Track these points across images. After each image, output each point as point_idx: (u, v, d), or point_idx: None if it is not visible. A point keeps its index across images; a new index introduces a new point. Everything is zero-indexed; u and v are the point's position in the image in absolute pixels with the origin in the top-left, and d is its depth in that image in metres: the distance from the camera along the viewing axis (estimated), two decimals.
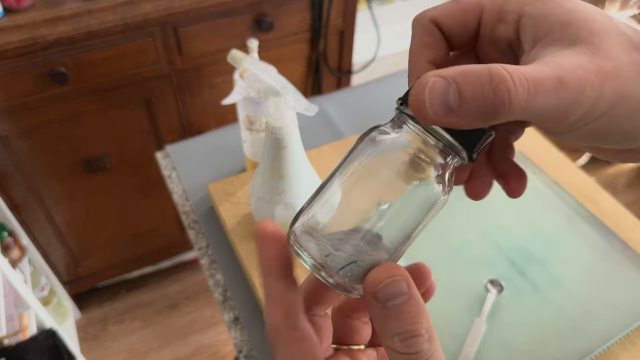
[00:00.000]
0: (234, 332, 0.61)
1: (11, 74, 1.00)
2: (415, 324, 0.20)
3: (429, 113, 0.18)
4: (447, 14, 0.23)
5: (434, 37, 0.23)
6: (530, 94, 0.17)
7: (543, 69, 0.18)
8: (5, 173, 1.15)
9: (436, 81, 0.18)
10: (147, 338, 1.53)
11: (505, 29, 0.22)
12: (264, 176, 0.58)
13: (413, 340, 0.20)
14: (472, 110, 0.18)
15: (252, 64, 0.52)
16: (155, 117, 1.22)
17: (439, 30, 0.23)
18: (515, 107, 0.17)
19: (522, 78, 0.17)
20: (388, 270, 0.21)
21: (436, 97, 0.18)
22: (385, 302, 0.20)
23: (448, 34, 0.23)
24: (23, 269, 1.27)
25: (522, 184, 0.25)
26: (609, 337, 0.57)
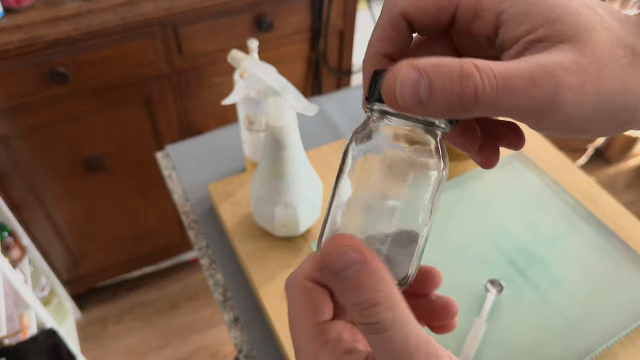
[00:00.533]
0: (234, 332, 0.61)
1: (11, 74, 1.00)
2: (372, 292, 0.19)
3: (399, 103, 0.18)
4: (420, 8, 0.22)
5: (398, 32, 0.23)
6: (498, 92, 0.17)
7: (518, 67, 0.18)
8: (5, 173, 1.15)
9: (409, 72, 0.18)
10: (147, 338, 1.53)
11: (482, 26, 0.21)
12: (264, 176, 0.58)
13: (372, 309, 0.19)
14: (440, 104, 0.18)
15: (252, 64, 0.52)
16: (155, 117, 1.22)
17: (408, 24, 0.22)
18: (482, 103, 0.18)
19: (491, 75, 0.17)
20: (337, 241, 0.20)
21: (407, 89, 0.18)
22: (338, 273, 0.20)
23: (417, 26, 0.23)
24: (23, 269, 1.27)
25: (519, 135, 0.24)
26: (609, 337, 0.57)
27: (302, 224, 0.62)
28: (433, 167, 0.22)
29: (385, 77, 0.19)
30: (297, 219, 0.61)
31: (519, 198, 0.71)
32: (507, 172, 0.73)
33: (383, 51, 0.23)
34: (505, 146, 0.25)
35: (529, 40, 0.19)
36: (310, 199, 0.61)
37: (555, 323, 0.59)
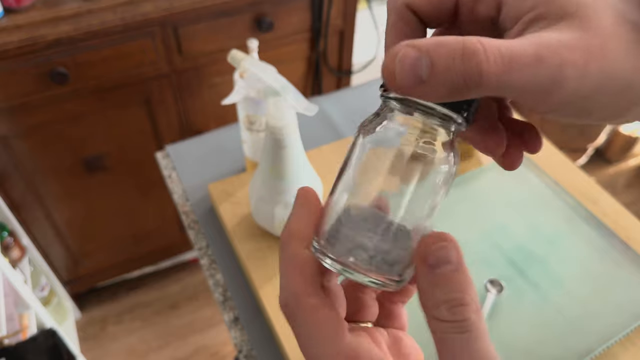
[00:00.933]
0: (234, 332, 0.61)
1: (11, 74, 1.00)
2: (463, 293, 0.20)
3: (397, 82, 0.18)
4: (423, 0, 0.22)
5: (409, 24, 0.22)
6: (504, 69, 0.17)
7: (523, 43, 0.18)
8: (5, 173, 1.15)
9: (408, 51, 0.17)
10: (147, 338, 1.53)
11: (484, 8, 0.21)
12: (264, 176, 0.58)
13: (461, 308, 0.19)
14: (443, 82, 0.17)
15: (252, 64, 0.52)
16: (155, 117, 1.22)
17: (414, 14, 0.22)
18: (487, 81, 0.17)
19: (495, 52, 0.17)
20: (439, 236, 0.20)
21: (406, 67, 0.17)
22: (435, 268, 0.20)
23: (424, 16, 0.22)
24: (23, 269, 1.27)
25: (538, 136, 0.24)
26: (609, 337, 0.57)
27: None
28: (444, 162, 0.22)
29: (384, 59, 0.18)
30: None
31: (519, 198, 0.71)
32: (507, 172, 0.73)
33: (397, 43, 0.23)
34: (523, 148, 0.24)
35: (531, 18, 0.19)
36: None
37: (555, 323, 0.59)
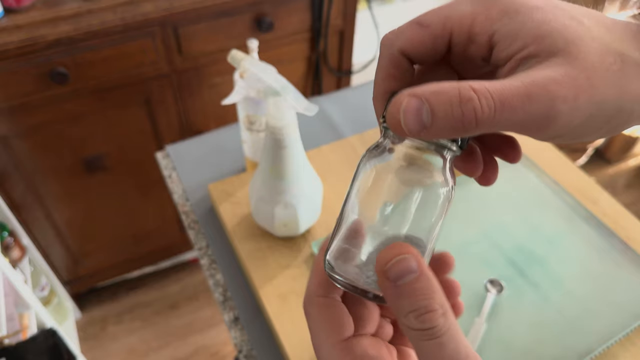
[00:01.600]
0: (234, 332, 0.61)
1: (11, 74, 1.00)
2: (429, 300, 0.20)
3: (404, 130, 0.20)
4: (416, 43, 0.23)
5: (400, 69, 0.24)
6: (497, 112, 0.19)
7: (513, 84, 0.19)
8: (6, 173, 1.15)
9: (410, 101, 0.19)
10: (147, 338, 1.53)
11: (477, 49, 0.22)
12: (264, 176, 0.58)
13: (428, 315, 0.20)
14: (443, 127, 0.19)
15: (252, 64, 0.52)
16: (155, 117, 1.22)
17: (408, 59, 0.23)
18: (482, 123, 0.19)
19: (488, 97, 0.19)
20: (396, 249, 0.21)
21: (410, 116, 0.19)
22: (396, 280, 0.21)
23: (418, 60, 0.24)
24: (23, 268, 1.27)
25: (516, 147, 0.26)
26: (609, 337, 0.57)
27: (302, 224, 0.62)
28: (441, 186, 0.23)
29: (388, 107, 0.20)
30: (297, 219, 0.61)
31: (519, 198, 0.71)
32: (507, 172, 0.73)
33: (389, 89, 0.24)
34: (503, 159, 0.26)
35: (522, 56, 0.20)
36: (310, 199, 0.61)
37: (555, 323, 0.59)
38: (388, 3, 1.69)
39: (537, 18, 0.20)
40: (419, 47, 0.23)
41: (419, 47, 0.23)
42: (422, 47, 0.23)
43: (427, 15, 0.23)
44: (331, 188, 0.71)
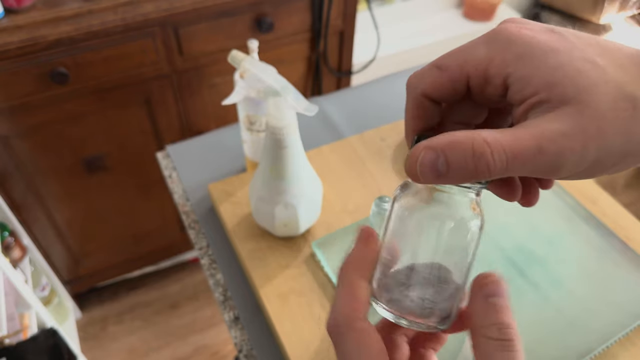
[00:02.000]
0: (234, 332, 0.61)
1: (12, 74, 1.00)
2: (510, 320, 0.24)
3: (421, 179, 0.22)
4: (436, 86, 0.24)
5: (424, 110, 0.25)
6: (508, 165, 0.20)
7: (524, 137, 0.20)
8: (6, 173, 1.15)
9: (426, 154, 0.21)
10: (148, 338, 1.54)
11: (493, 90, 0.23)
12: (264, 176, 0.58)
13: (509, 330, 0.23)
14: (457, 176, 0.21)
15: (252, 65, 0.53)
16: (156, 117, 1.22)
17: (432, 100, 0.25)
18: (494, 174, 0.21)
19: (501, 151, 0.20)
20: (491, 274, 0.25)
21: (426, 168, 0.21)
22: (488, 297, 0.24)
23: (440, 100, 0.25)
24: (24, 268, 1.27)
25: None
26: (609, 337, 0.57)
27: (302, 224, 0.63)
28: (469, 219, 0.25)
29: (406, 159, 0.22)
30: (297, 219, 0.61)
31: None
32: None
33: (417, 128, 0.26)
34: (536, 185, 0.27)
35: (534, 101, 0.21)
36: (310, 199, 0.61)
37: (554, 323, 0.59)
38: (388, 3, 1.69)
39: (551, 63, 0.21)
40: (439, 89, 0.24)
41: (439, 89, 0.24)
42: (442, 90, 0.24)
43: (446, 58, 0.24)
44: (331, 188, 0.71)
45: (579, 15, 1.79)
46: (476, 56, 0.23)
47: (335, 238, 0.65)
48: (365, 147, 0.78)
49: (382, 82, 0.96)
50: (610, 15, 1.75)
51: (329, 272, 0.61)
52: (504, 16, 1.80)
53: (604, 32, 1.79)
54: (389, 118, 0.86)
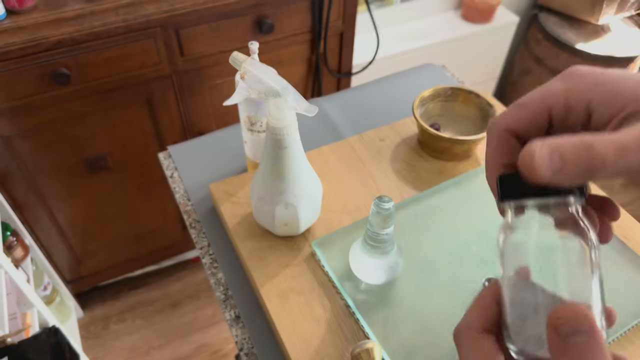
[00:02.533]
0: (235, 331, 0.62)
1: (14, 75, 1.01)
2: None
3: (539, 173, 0.22)
4: (519, 122, 0.25)
5: (508, 146, 0.26)
6: (618, 155, 0.21)
7: (627, 134, 0.22)
8: (8, 173, 1.15)
9: (542, 147, 0.22)
10: (149, 337, 1.54)
11: (575, 118, 0.25)
12: (265, 176, 0.59)
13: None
14: (573, 171, 0.21)
15: (252, 66, 0.53)
16: (157, 117, 1.22)
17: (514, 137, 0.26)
18: (607, 166, 0.21)
19: (609, 144, 0.21)
20: (572, 307, 0.22)
21: (544, 161, 0.21)
22: (565, 337, 0.22)
23: (523, 135, 0.26)
24: (26, 268, 1.27)
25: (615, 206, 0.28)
26: (607, 336, 0.58)
27: (303, 223, 0.63)
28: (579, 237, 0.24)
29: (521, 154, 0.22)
30: (297, 218, 0.62)
31: None
32: None
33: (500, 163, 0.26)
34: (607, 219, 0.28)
35: (623, 116, 0.23)
36: (310, 199, 0.62)
37: None
38: (387, 5, 1.69)
39: (629, 84, 0.23)
40: (522, 123, 0.25)
41: (521, 124, 0.25)
42: (524, 124, 0.25)
43: (525, 97, 0.26)
44: (331, 188, 0.72)
45: (577, 16, 1.79)
46: (554, 90, 0.25)
47: (335, 238, 0.65)
48: (365, 147, 0.78)
49: (381, 83, 0.97)
50: (608, 16, 1.75)
51: (329, 271, 0.62)
52: (502, 18, 1.81)
53: (603, 32, 1.79)
54: (389, 119, 0.86)
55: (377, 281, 0.60)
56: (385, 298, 0.60)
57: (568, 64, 1.77)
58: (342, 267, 0.62)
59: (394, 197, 0.70)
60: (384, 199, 0.52)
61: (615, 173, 0.22)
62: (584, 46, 1.73)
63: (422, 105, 0.77)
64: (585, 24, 1.80)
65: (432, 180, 0.73)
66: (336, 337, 0.56)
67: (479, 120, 0.77)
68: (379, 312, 0.58)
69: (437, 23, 1.78)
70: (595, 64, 1.73)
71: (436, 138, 0.72)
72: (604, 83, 0.24)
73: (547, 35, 1.80)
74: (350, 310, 0.58)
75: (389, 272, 0.59)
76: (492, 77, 2.01)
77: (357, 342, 0.54)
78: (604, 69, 0.25)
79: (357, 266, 0.60)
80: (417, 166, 0.76)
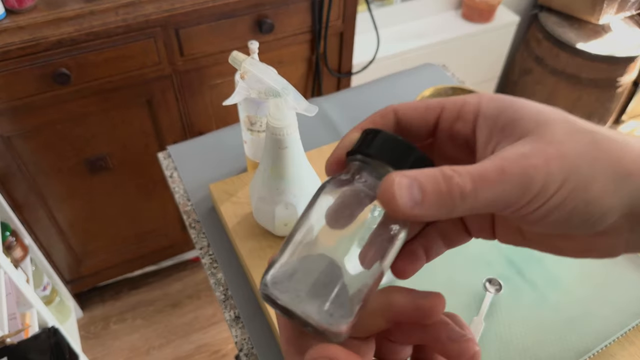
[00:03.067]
0: (235, 331, 0.62)
1: (14, 75, 1.01)
2: None
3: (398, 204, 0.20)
4: (410, 108, 0.25)
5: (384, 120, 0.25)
6: (476, 187, 0.20)
7: (487, 163, 0.21)
8: (8, 173, 1.15)
9: (402, 179, 0.20)
10: (149, 337, 1.54)
11: (463, 126, 0.24)
12: (265, 176, 0.59)
13: None
14: (434, 203, 0.20)
15: (252, 65, 0.53)
16: (157, 117, 1.22)
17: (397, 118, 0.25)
18: (467, 198, 0.20)
19: (466, 175, 0.20)
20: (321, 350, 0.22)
21: (404, 191, 0.20)
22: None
23: (406, 125, 0.25)
24: (25, 268, 1.27)
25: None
26: (607, 336, 0.58)
27: None
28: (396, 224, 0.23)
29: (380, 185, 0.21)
30: (297, 218, 0.61)
31: None
32: None
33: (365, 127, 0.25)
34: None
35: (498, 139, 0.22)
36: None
37: (553, 322, 0.59)
38: (387, 4, 1.69)
39: (517, 105, 0.22)
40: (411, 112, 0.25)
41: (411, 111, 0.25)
42: (413, 113, 0.25)
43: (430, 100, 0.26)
44: None
45: (578, 16, 1.79)
46: (455, 98, 0.25)
47: None
48: None
49: (381, 82, 0.96)
50: (608, 16, 1.75)
51: None
52: (503, 17, 1.81)
53: (603, 32, 1.79)
54: None
55: None
56: None
57: (568, 64, 1.77)
58: None
59: None
60: None
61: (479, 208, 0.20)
62: (585, 46, 1.73)
63: None
64: (586, 24, 1.80)
65: None
66: None
67: None
68: None
69: (437, 23, 1.78)
70: (595, 63, 1.73)
71: None
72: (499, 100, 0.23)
73: (547, 35, 1.80)
74: None
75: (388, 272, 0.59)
76: (493, 76, 2.01)
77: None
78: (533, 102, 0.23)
79: None
80: None
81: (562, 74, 1.81)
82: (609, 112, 1.94)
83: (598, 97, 1.85)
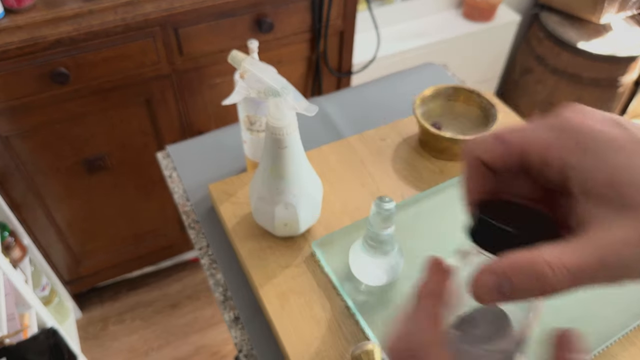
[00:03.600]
0: (234, 332, 0.61)
1: (12, 75, 1.00)
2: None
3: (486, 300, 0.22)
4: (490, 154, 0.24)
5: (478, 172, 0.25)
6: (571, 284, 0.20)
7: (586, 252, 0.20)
8: (7, 173, 1.15)
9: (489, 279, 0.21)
10: (148, 337, 1.54)
11: (550, 174, 0.23)
12: (264, 176, 0.59)
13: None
14: (521, 296, 0.21)
15: (252, 65, 0.53)
16: (156, 117, 1.22)
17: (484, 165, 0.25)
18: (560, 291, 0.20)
19: (563, 271, 0.20)
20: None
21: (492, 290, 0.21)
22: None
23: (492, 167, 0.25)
24: (24, 268, 1.27)
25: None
26: (608, 337, 0.57)
27: (303, 223, 0.63)
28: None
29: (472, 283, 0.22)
30: (297, 218, 0.61)
31: None
32: None
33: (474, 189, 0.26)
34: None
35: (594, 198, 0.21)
36: (310, 199, 0.61)
37: (554, 322, 0.59)
38: (388, 4, 1.69)
39: (616, 161, 0.21)
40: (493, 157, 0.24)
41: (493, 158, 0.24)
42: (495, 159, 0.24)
43: (507, 131, 0.24)
44: (331, 188, 0.71)
45: (579, 15, 1.79)
46: (537, 137, 0.23)
47: (335, 238, 0.65)
48: (365, 147, 0.78)
49: (382, 82, 0.96)
50: (609, 15, 1.75)
51: (329, 272, 0.61)
52: (503, 16, 1.81)
53: (605, 32, 1.79)
54: (389, 118, 0.86)
55: (378, 282, 0.59)
56: (385, 299, 0.59)
57: (569, 63, 1.77)
58: (342, 267, 0.62)
59: (394, 197, 0.70)
60: (385, 199, 0.52)
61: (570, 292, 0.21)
62: (586, 45, 1.72)
63: (423, 105, 0.77)
64: (587, 23, 1.80)
65: (433, 180, 0.73)
66: (336, 338, 0.56)
67: (480, 119, 0.77)
68: (380, 313, 0.58)
69: (438, 22, 1.77)
70: (596, 63, 1.73)
71: (437, 137, 0.72)
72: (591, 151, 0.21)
73: (548, 34, 1.79)
74: (351, 312, 0.58)
75: (389, 273, 0.59)
76: (494, 76, 2.00)
77: (357, 344, 0.53)
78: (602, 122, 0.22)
79: (357, 267, 0.60)
80: (418, 166, 0.75)
81: (563, 74, 1.81)
82: (610, 112, 1.94)
83: (599, 97, 1.85)
